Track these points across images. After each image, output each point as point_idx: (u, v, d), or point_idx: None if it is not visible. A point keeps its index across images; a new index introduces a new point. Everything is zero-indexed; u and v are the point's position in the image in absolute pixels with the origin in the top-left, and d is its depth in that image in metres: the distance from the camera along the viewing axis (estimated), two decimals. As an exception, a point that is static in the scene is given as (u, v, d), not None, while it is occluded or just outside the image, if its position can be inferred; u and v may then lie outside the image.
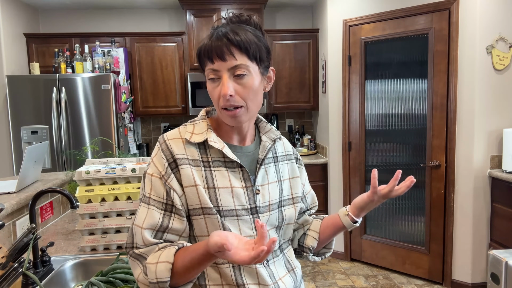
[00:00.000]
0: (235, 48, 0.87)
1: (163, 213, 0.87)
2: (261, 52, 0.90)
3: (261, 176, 0.96)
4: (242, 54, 0.87)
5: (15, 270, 1.00)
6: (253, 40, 0.89)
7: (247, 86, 0.88)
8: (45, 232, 1.86)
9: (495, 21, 2.78)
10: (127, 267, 1.26)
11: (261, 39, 0.93)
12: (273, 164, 1.01)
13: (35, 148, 1.86)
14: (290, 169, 1.05)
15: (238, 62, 0.87)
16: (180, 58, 3.88)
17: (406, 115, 3.23)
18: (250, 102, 0.90)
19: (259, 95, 0.93)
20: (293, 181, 1.05)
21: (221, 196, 0.89)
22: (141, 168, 1.55)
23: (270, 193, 0.97)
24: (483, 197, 2.91)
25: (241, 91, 0.88)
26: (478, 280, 2.96)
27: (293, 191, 1.03)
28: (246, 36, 0.88)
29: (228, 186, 0.90)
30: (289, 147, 1.09)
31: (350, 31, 3.43)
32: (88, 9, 4.09)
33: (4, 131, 3.37)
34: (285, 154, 1.06)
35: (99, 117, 3.33)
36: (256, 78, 0.90)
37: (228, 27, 0.91)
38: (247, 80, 0.88)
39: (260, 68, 0.92)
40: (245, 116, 0.91)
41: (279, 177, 1.01)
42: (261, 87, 0.93)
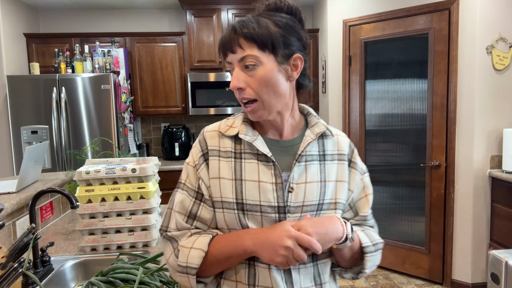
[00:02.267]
0: (243, 39, 0.84)
1: (194, 200, 0.92)
2: (274, 40, 0.85)
3: (297, 173, 0.89)
4: (250, 45, 0.84)
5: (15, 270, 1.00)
6: (265, 29, 0.85)
7: (258, 78, 0.85)
8: (45, 232, 1.86)
9: (495, 21, 2.78)
10: (127, 267, 1.26)
11: (285, 26, 0.87)
12: (317, 161, 0.92)
13: (35, 148, 1.86)
14: (340, 171, 0.94)
15: (246, 53, 0.84)
16: (180, 58, 3.88)
17: (406, 115, 3.23)
18: (265, 95, 0.86)
19: (278, 87, 0.87)
20: (340, 184, 0.93)
21: (246, 189, 0.88)
22: (141, 168, 1.55)
23: (307, 193, 0.89)
24: (483, 197, 2.91)
25: (252, 83, 0.85)
26: (478, 280, 2.96)
27: (337, 195, 0.92)
28: (257, 25, 0.85)
29: (256, 179, 0.88)
30: (345, 146, 0.96)
31: (350, 31, 3.43)
32: (88, 9, 4.09)
33: (4, 131, 3.37)
34: (337, 152, 0.95)
35: (99, 117, 3.32)
36: (269, 68, 0.85)
37: (244, 18, 0.87)
38: (258, 71, 0.85)
39: (277, 56, 0.86)
40: (263, 111, 0.88)
41: (323, 177, 0.91)
42: (279, 78, 0.86)
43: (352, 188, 0.95)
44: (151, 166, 1.59)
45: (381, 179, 3.34)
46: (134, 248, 1.61)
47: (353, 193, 0.96)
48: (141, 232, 1.59)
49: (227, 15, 3.83)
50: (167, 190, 3.44)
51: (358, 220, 0.98)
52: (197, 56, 3.84)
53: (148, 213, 1.60)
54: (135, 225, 1.58)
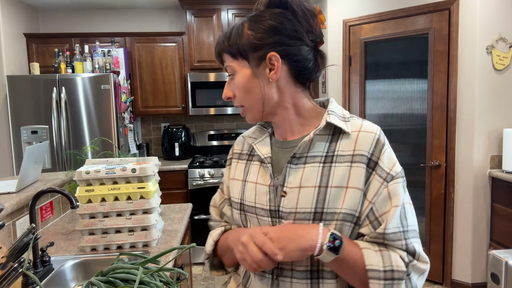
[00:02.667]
0: (222, 53, 0.88)
1: (224, 198, 1.02)
2: (241, 47, 0.83)
3: (292, 176, 0.83)
4: (227, 55, 0.87)
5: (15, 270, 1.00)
6: (235, 37, 0.84)
7: (237, 85, 0.87)
8: (45, 232, 1.86)
9: (495, 21, 2.78)
10: (127, 267, 1.26)
11: (256, 27, 0.83)
12: (319, 164, 0.82)
13: (35, 148, 1.86)
14: (352, 175, 0.79)
15: (226, 63, 0.88)
16: (180, 58, 3.88)
17: (406, 115, 3.23)
18: (246, 101, 0.87)
19: (255, 91, 0.84)
20: (350, 192, 0.78)
21: (246, 190, 0.91)
22: (141, 168, 1.55)
23: (300, 199, 0.81)
24: (483, 197, 2.91)
25: (236, 91, 0.88)
26: (478, 280, 2.96)
27: (344, 204, 0.78)
28: (228, 36, 0.86)
29: (254, 181, 0.90)
30: (366, 144, 0.80)
31: (350, 31, 3.43)
32: (88, 9, 4.09)
33: (4, 131, 3.37)
34: (352, 153, 0.80)
35: (99, 117, 3.32)
36: (244, 75, 0.85)
37: (224, 32, 0.90)
38: (236, 79, 0.87)
39: (250, 62, 0.84)
40: (250, 114, 0.89)
41: (324, 181, 0.80)
42: (255, 82, 0.84)
43: (371, 198, 0.79)
44: (151, 166, 1.59)
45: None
46: (134, 248, 1.61)
47: (374, 204, 0.78)
48: (141, 232, 1.59)
49: (227, 15, 3.83)
50: (167, 190, 3.46)
51: (374, 238, 0.79)
52: (197, 56, 3.84)
53: (148, 213, 1.60)
54: (135, 225, 1.58)
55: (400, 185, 0.80)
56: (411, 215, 0.81)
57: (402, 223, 0.78)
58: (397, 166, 0.82)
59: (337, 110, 0.87)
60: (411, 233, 0.80)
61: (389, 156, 0.81)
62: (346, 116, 0.87)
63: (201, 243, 4.10)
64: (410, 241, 0.79)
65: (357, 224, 0.80)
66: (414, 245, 0.80)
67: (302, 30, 0.84)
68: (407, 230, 0.79)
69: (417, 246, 0.80)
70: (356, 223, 0.80)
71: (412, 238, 0.80)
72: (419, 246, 0.81)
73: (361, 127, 0.83)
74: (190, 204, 2.26)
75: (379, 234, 0.78)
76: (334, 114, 0.85)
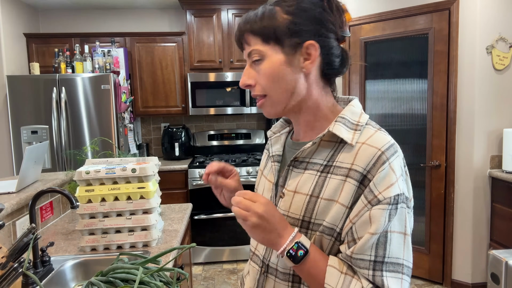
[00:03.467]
0: (246, 33, 0.80)
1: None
2: (278, 30, 0.77)
3: (292, 180, 0.82)
4: (255, 38, 0.79)
5: (15, 270, 1.00)
6: (269, 19, 0.77)
7: (264, 73, 0.79)
8: (45, 232, 1.86)
9: (495, 21, 2.78)
10: (127, 267, 1.26)
11: (297, 11, 0.77)
12: (316, 172, 0.79)
13: (35, 148, 1.86)
14: (343, 191, 0.74)
15: (251, 47, 0.80)
16: (180, 58, 3.88)
17: (406, 115, 3.23)
18: (271, 90, 0.80)
19: (286, 81, 0.78)
20: (336, 207, 0.74)
21: (260, 182, 0.95)
22: (141, 168, 1.55)
23: (292, 204, 0.80)
24: (483, 197, 2.91)
25: (259, 79, 0.80)
26: (478, 280, 2.96)
27: (327, 218, 0.75)
28: (260, 17, 0.78)
29: (266, 175, 0.93)
30: (364, 159, 0.73)
31: (350, 31, 3.43)
32: (88, 9, 4.09)
33: (4, 131, 3.37)
34: (349, 167, 0.74)
35: (99, 117, 3.32)
36: (274, 61, 0.78)
37: (251, 11, 0.82)
38: (263, 66, 0.79)
39: (284, 47, 0.78)
40: (271, 108, 0.82)
41: (316, 191, 0.77)
42: (287, 71, 0.78)
43: (352, 217, 0.73)
44: (151, 166, 1.59)
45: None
46: (134, 248, 1.61)
47: (354, 224, 0.73)
48: (141, 232, 1.59)
49: (227, 15, 3.83)
50: (167, 190, 3.46)
51: (344, 258, 0.75)
52: (197, 56, 3.84)
53: (148, 213, 1.60)
54: (135, 225, 1.58)
55: (384, 212, 0.70)
56: (397, 246, 0.71)
57: (377, 252, 0.70)
58: (391, 190, 0.71)
59: (350, 116, 0.80)
60: (388, 266, 0.70)
61: (385, 176, 0.71)
62: (360, 123, 0.79)
63: (201, 243, 4.09)
64: (381, 274, 0.70)
65: (337, 239, 0.76)
66: (385, 280, 0.70)
67: (336, 24, 0.80)
68: (382, 261, 0.70)
69: (390, 282, 0.70)
70: (336, 238, 0.76)
71: (387, 272, 0.70)
72: (394, 283, 0.70)
73: (367, 139, 0.75)
74: (190, 204, 2.26)
75: (347, 256, 0.73)
76: (343, 121, 0.79)
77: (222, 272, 3.46)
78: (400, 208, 0.72)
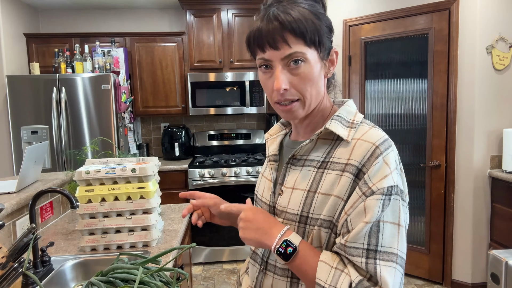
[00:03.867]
0: (289, 34, 0.74)
1: None
2: (320, 34, 0.77)
3: (290, 176, 0.84)
4: (297, 40, 0.74)
5: (15, 270, 1.00)
6: (311, 21, 0.75)
7: (303, 76, 0.77)
8: (45, 232, 1.86)
9: (495, 21, 2.78)
10: (127, 267, 1.26)
11: (321, 17, 0.78)
12: (314, 168, 0.81)
13: (35, 148, 1.86)
14: (339, 185, 0.76)
15: (293, 50, 0.75)
16: (180, 58, 3.88)
17: (406, 115, 3.23)
18: (308, 94, 0.78)
19: (319, 85, 0.80)
20: (333, 200, 0.76)
21: (260, 183, 0.96)
22: (141, 168, 1.55)
23: (291, 200, 0.82)
24: (483, 197, 2.91)
25: (296, 83, 0.77)
26: (478, 280, 2.96)
27: (324, 211, 0.77)
28: (302, 16, 0.74)
29: (266, 175, 0.94)
30: (360, 154, 0.75)
31: (350, 31, 3.43)
32: (88, 9, 4.09)
33: (4, 131, 3.37)
34: (345, 162, 0.76)
35: (99, 117, 3.32)
36: (314, 66, 0.77)
37: (282, 6, 0.76)
38: (303, 69, 0.76)
39: (320, 52, 0.78)
40: (301, 110, 0.80)
41: (314, 187, 0.79)
42: (321, 75, 0.80)
43: (347, 209, 0.74)
44: (151, 166, 1.59)
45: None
46: (134, 248, 1.61)
47: (349, 216, 0.74)
48: (141, 232, 1.59)
49: (227, 15, 3.83)
50: (167, 190, 3.45)
51: (337, 248, 0.75)
52: (197, 56, 3.84)
53: (148, 213, 1.60)
54: (135, 225, 1.58)
55: (378, 202, 0.71)
56: (390, 236, 0.72)
57: (370, 241, 0.71)
58: (384, 181, 0.72)
59: (345, 114, 0.83)
60: (381, 255, 0.71)
61: (379, 169, 0.73)
62: (355, 121, 0.82)
63: (201, 243, 4.09)
64: (374, 263, 0.70)
65: (333, 232, 0.77)
66: (378, 268, 0.70)
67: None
68: (375, 250, 0.71)
69: (383, 271, 0.69)
70: (333, 230, 0.77)
71: (381, 261, 0.70)
72: (387, 271, 0.70)
73: (362, 135, 0.78)
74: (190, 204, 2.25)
75: (341, 245, 0.73)
76: (339, 119, 0.81)
77: (222, 272, 3.47)
78: (393, 200, 0.73)
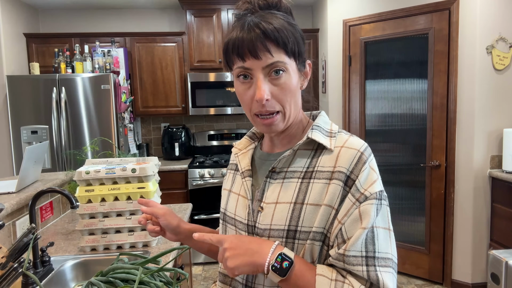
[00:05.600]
0: (271, 43, 0.72)
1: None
2: (299, 45, 0.77)
3: (270, 191, 0.80)
4: (279, 49, 0.73)
5: (15, 270, 1.00)
6: (290, 31, 0.75)
7: (284, 87, 0.75)
8: (45, 232, 1.86)
9: (495, 21, 2.78)
10: (127, 267, 1.26)
11: (297, 28, 0.78)
12: (298, 179, 0.78)
13: (35, 148, 1.86)
14: (329, 193, 0.74)
15: (275, 59, 0.73)
16: (180, 58, 3.88)
17: (406, 115, 3.23)
18: (288, 106, 0.77)
19: (297, 96, 0.79)
20: (324, 210, 0.74)
21: (229, 200, 0.90)
22: (141, 168, 1.55)
23: (275, 215, 0.77)
24: (483, 197, 2.91)
25: (277, 93, 0.75)
26: (478, 280, 2.96)
27: (315, 223, 0.74)
28: (283, 26, 0.74)
29: (237, 192, 0.88)
30: (346, 161, 0.75)
31: (350, 31, 3.43)
32: (88, 9, 4.09)
33: (4, 131, 3.37)
34: (331, 170, 0.76)
35: (99, 117, 3.32)
36: (294, 76, 0.77)
37: (259, 15, 0.75)
38: (284, 80, 0.75)
39: (298, 64, 0.78)
40: (282, 124, 0.78)
41: (300, 198, 0.76)
42: (298, 85, 0.80)
43: (341, 217, 0.73)
44: (151, 166, 1.59)
45: (381, 179, 3.33)
46: (134, 248, 1.61)
47: (344, 225, 0.72)
48: (141, 232, 1.59)
49: (227, 15, 3.83)
50: (167, 190, 3.46)
51: (335, 260, 0.73)
52: (197, 56, 3.84)
53: (148, 213, 1.60)
54: (135, 225, 1.57)
55: (372, 207, 0.72)
56: (384, 241, 0.72)
57: (367, 247, 0.70)
58: (374, 186, 0.74)
59: (323, 124, 0.83)
60: (380, 261, 0.71)
61: (368, 174, 0.74)
62: (333, 131, 0.82)
63: (201, 243, 4.06)
64: (375, 269, 0.70)
65: (325, 244, 0.75)
66: (380, 275, 0.69)
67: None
68: (373, 256, 0.70)
69: (384, 277, 0.70)
70: (324, 242, 0.75)
71: (380, 267, 0.70)
72: (388, 277, 0.70)
73: (345, 143, 0.78)
74: (190, 204, 2.26)
75: (340, 255, 0.71)
76: (319, 129, 0.81)
77: (222, 272, 3.46)
78: (383, 205, 0.75)
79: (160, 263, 1.22)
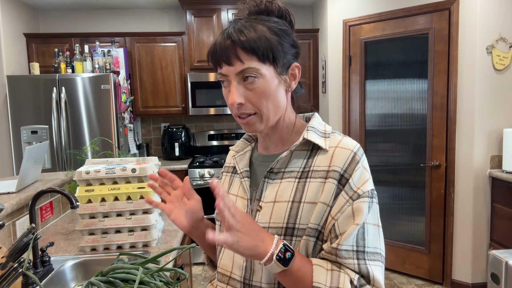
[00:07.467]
0: (241, 50, 0.77)
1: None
2: (275, 50, 0.79)
3: (268, 191, 0.83)
4: (250, 56, 0.77)
5: (15, 270, 1.00)
6: (265, 37, 0.77)
7: (258, 92, 0.78)
8: (45, 232, 1.86)
9: (495, 21, 2.78)
10: (127, 267, 1.26)
11: (282, 33, 0.81)
12: (295, 179, 0.82)
13: (35, 148, 1.86)
14: (324, 191, 0.78)
15: (246, 65, 0.77)
16: (180, 58, 3.88)
17: (406, 115, 3.23)
18: (264, 108, 0.80)
19: (278, 99, 0.81)
20: (319, 207, 0.78)
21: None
22: (141, 168, 1.55)
23: (273, 214, 0.81)
24: (483, 197, 2.91)
25: (252, 97, 0.79)
26: (478, 280, 2.96)
27: (312, 219, 0.78)
28: (256, 34, 0.77)
29: (235, 194, 0.91)
30: (341, 160, 0.79)
31: (350, 31, 3.43)
32: (88, 9, 4.09)
33: (4, 131, 3.37)
34: (327, 169, 0.80)
35: (99, 117, 3.32)
36: (271, 81, 0.79)
37: (239, 24, 0.80)
38: (258, 85, 0.78)
39: (277, 68, 0.80)
40: (259, 124, 0.82)
41: (297, 197, 0.80)
42: (279, 89, 0.81)
43: (334, 214, 0.77)
44: (151, 166, 1.59)
45: (381, 179, 3.33)
46: (134, 248, 1.61)
47: (337, 221, 0.77)
48: (141, 232, 1.59)
49: (227, 15, 3.83)
50: (167, 190, 3.45)
51: (327, 253, 0.77)
52: (197, 56, 3.84)
53: (148, 213, 1.60)
54: (135, 225, 1.58)
55: (365, 204, 0.77)
56: (373, 236, 0.77)
57: (358, 242, 0.76)
58: (367, 185, 0.79)
59: (318, 126, 0.87)
60: (369, 256, 0.76)
61: (361, 174, 0.79)
62: (327, 131, 0.86)
63: (201, 243, 4.06)
64: (365, 263, 0.75)
65: (319, 239, 0.79)
66: (370, 268, 0.75)
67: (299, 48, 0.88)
68: (364, 251, 0.76)
69: (374, 270, 0.75)
70: (318, 238, 0.79)
71: (370, 261, 0.76)
72: (377, 270, 0.76)
73: (339, 143, 0.82)
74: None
75: (332, 249, 0.76)
76: (314, 130, 0.85)
77: (222, 272, 3.46)
78: (374, 202, 0.79)
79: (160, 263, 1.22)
